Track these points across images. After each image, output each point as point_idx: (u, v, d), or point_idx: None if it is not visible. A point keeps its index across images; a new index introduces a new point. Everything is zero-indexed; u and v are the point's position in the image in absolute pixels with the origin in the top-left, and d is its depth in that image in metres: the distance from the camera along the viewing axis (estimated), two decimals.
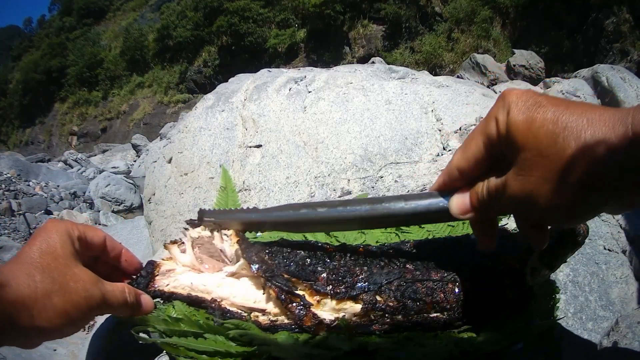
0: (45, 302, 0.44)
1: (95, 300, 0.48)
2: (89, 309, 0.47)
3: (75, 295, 0.46)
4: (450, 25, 12.94)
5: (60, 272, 0.46)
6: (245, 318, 0.54)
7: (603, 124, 0.33)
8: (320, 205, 0.54)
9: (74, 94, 25.11)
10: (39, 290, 0.44)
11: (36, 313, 0.43)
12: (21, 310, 0.42)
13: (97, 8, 30.05)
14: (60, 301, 0.45)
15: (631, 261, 0.79)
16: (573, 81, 1.52)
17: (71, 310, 0.45)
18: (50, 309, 0.44)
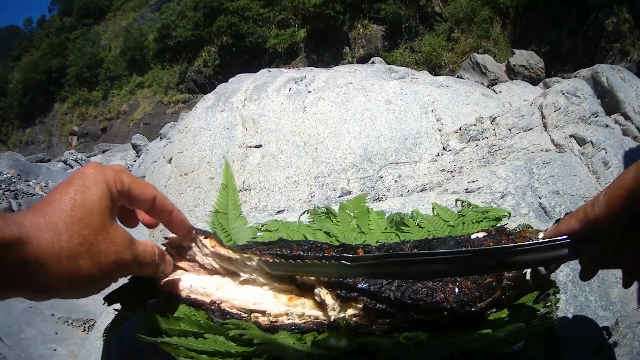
0: (69, 264, 0.39)
1: (125, 263, 0.44)
2: (116, 272, 0.44)
3: (104, 258, 0.42)
4: (450, 25, 12.93)
5: (92, 230, 0.41)
6: (246, 319, 0.54)
7: None
8: (435, 262, 0.48)
9: (74, 94, 25.10)
10: (64, 251, 0.38)
11: (56, 274, 0.38)
12: (39, 270, 0.37)
13: (97, 8, 30.04)
14: (86, 264, 0.40)
15: None
16: (573, 81, 1.52)
17: (97, 273, 0.41)
18: (75, 273, 0.39)
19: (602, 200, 0.41)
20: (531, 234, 0.55)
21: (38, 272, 0.37)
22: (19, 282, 0.36)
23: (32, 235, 0.36)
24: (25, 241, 0.36)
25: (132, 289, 0.60)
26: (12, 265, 0.35)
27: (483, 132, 1.50)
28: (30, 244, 0.36)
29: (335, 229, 0.75)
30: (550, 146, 1.23)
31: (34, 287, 0.38)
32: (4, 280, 0.36)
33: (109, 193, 0.43)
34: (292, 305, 0.54)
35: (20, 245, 0.35)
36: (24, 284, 0.37)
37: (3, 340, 1.25)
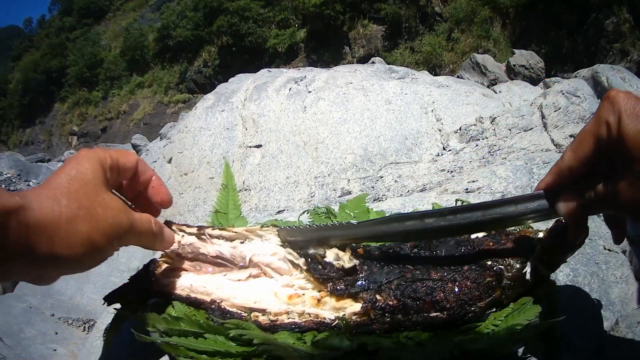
0: (68, 227, 0.41)
1: (122, 227, 0.46)
2: (115, 236, 0.46)
3: (102, 222, 0.44)
4: (450, 25, 12.93)
5: (88, 197, 0.44)
6: (246, 318, 0.54)
7: None
8: (428, 215, 0.53)
9: (74, 94, 25.10)
10: (63, 214, 0.41)
11: (57, 239, 0.40)
12: (41, 236, 0.39)
13: (97, 8, 30.03)
14: (85, 227, 0.42)
15: (631, 261, 0.79)
16: (573, 81, 1.52)
17: (96, 237, 0.43)
18: (74, 236, 0.41)
19: (569, 149, 0.46)
20: (531, 233, 0.55)
21: (40, 237, 0.39)
22: (22, 249, 0.38)
23: (34, 202, 0.39)
24: (27, 207, 0.38)
25: (132, 289, 0.60)
26: (16, 230, 0.37)
27: (483, 132, 1.50)
28: (32, 210, 0.39)
29: None
30: (550, 146, 1.23)
31: (35, 258, 0.39)
32: (7, 247, 0.37)
33: (101, 167, 0.47)
34: (292, 304, 0.54)
35: (23, 211, 0.38)
36: (27, 252, 0.38)
37: (3, 340, 1.25)
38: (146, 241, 0.52)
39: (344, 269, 0.54)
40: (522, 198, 0.50)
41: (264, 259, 0.57)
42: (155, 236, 0.52)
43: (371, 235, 0.56)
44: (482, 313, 0.52)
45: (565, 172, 0.47)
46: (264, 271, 0.58)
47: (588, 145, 0.44)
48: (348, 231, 0.56)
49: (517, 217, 0.50)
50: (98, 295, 1.69)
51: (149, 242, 0.52)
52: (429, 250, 0.57)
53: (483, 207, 0.51)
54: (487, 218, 0.51)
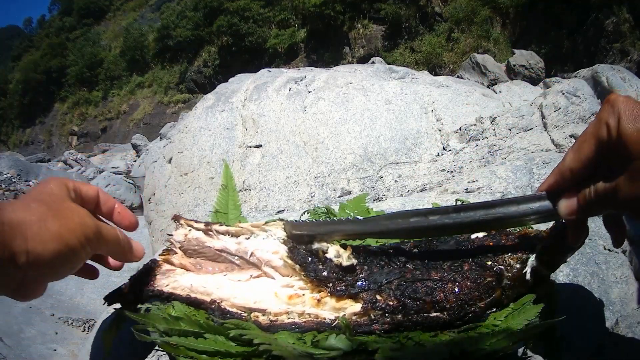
0: (40, 224, 0.44)
1: (90, 229, 0.49)
2: (84, 236, 0.48)
3: (70, 221, 0.47)
4: (450, 25, 12.93)
5: (55, 202, 0.48)
6: (245, 318, 0.54)
7: None
8: (431, 213, 0.53)
9: (74, 94, 25.11)
10: (34, 214, 0.44)
11: (30, 235, 0.43)
12: (15, 232, 0.42)
13: (97, 8, 30.04)
14: (55, 225, 0.45)
15: (631, 261, 0.79)
16: (573, 81, 1.52)
17: (66, 234, 0.46)
18: (45, 232, 0.44)
19: (570, 151, 0.48)
20: (531, 233, 0.55)
21: (13, 234, 0.41)
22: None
23: (6, 205, 0.43)
24: (1, 207, 0.42)
25: (132, 289, 0.60)
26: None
27: (483, 132, 1.50)
28: (4, 210, 0.42)
29: None
30: (550, 146, 1.23)
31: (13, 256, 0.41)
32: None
33: (66, 187, 0.51)
34: (292, 304, 0.54)
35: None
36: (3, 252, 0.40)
37: (3, 340, 1.25)
38: (115, 249, 0.53)
39: (341, 266, 0.54)
40: (524, 198, 0.50)
41: (265, 256, 0.57)
42: (123, 244, 0.54)
43: (375, 231, 0.56)
44: (482, 313, 0.52)
45: (566, 173, 0.48)
46: (263, 269, 0.58)
47: (589, 147, 0.45)
48: (353, 226, 0.56)
49: (518, 218, 0.50)
50: (98, 295, 1.69)
51: (117, 250, 0.54)
52: (429, 250, 0.57)
53: (486, 206, 0.52)
54: (490, 217, 0.51)
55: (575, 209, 0.48)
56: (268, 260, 0.57)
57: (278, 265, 0.56)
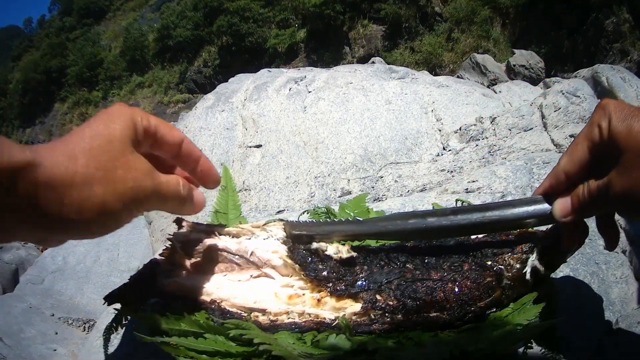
0: (82, 189, 0.37)
1: (145, 192, 0.42)
2: (134, 202, 0.41)
3: (120, 185, 0.40)
4: (450, 25, 12.94)
5: (110, 157, 0.40)
6: (246, 318, 0.54)
7: None
8: (429, 214, 0.54)
9: (74, 94, 25.11)
10: (78, 174, 0.37)
11: (68, 201, 0.36)
12: (50, 196, 0.35)
13: (97, 8, 30.05)
14: (100, 190, 0.38)
15: (631, 261, 0.79)
16: (573, 81, 1.52)
17: (111, 201, 0.39)
18: (86, 199, 0.37)
19: (564, 154, 0.49)
20: (530, 233, 0.55)
21: (49, 197, 0.36)
22: (28, 209, 0.35)
23: (46, 159, 0.36)
24: (37, 164, 0.35)
25: (132, 289, 0.60)
26: (23, 189, 0.34)
27: (483, 132, 1.50)
28: (42, 167, 0.35)
29: None
30: (550, 146, 1.23)
31: (43, 218, 0.36)
32: (13, 207, 0.34)
33: (134, 127, 0.43)
34: (292, 304, 0.54)
35: (32, 168, 0.34)
36: (33, 212, 0.35)
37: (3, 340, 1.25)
38: (173, 206, 0.47)
39: (341, 260, 0.55)
40: (521, 201, 0.51)
41: (265, 255, 0.57)
42: (183, 200, 0.48)
43: (374, 232, 0.56)
44: (482, 313, 0.52)
45: (561, 176, 0.49)
46: (263, 270, 0.58)
47: (582, 149, 0.47)
48: (352, 227, 0.57)
49: (514, 221, 0.51)
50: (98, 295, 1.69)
51: (175, 206, 0.48)
52: (429, 249, 0.57)
53: (482, 209, 0.52)
54: (486, 220, 0.51)
55: (570, 210, 0.48)
56: (268, 260, 0.57)
57: (278, 265, 0.56)
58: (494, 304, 0.53)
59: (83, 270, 1.82)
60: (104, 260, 1.82)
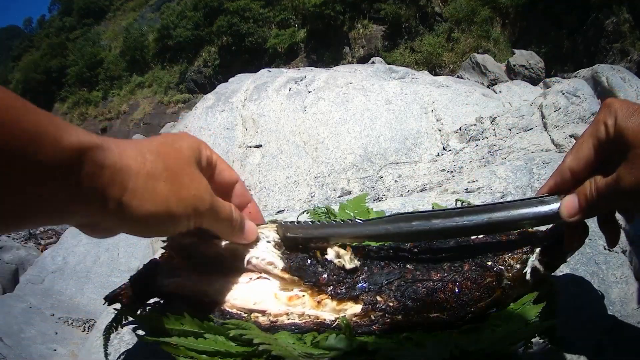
0: (147, 181, 0.37)
1: (203, 203, 0.43)
2: (193, 209, 0.42)
3: (185, 190, 0.41)
4: (450, 25, 12.94)
5: (177, 163, 0.41)
6: (245, 319, 0.54)
7: None
8: (433, 216, 0.53)
9: (74, 94, 25.11)
10: (146, 167, 0.38)
11: (131, 188, 0.36)
12: (114, 179, 0.35)
13: (97, 8, 30.04)
14: (165, 188, 0.39)
15: (631, 261, 0.79)
16: (573, 81, 1.52)
17: (173, 201, 0.39)
18: (150, 191, 0.38)
19: (569, 152, 0.49)
20: (531, 233, 0.55)
21: (113, 180, 0.35)
22: (89, 189, 0.34)
23: (114, 146, 0.36)
24: (105, 148, 0.35)
25: (132, 289, 0.60)
26: (88, 170, 0.34)
27: (483, 132, 1.50)
28: (110, 151, 0.35)
29: None
30: (550, 146, 1.23)
31: (102, 201, 0.36)
32: (76, 187, 0.33)
33: (199, 151, 0.45)
34: (292, 305, 0.54)
35: (99, 150, 0.35)
36: (94, 194, 0.35)
37: (3, 340, 1.25)
38: (224, 228, 0.48)
39: (345, 269, 0.54)
40: (526, 202, 0.51)
41: (261, 264, 0.57)
42: (234, 224, 0.49)
43: (376, 235, 0.55)
44: (482, 313, 0.52)
45: (566, 174, 0.49)
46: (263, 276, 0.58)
47: (587, 147, 0.47)
48: (352, 229, 0.55)
49: (520, 221, 0.51)
50: (98, 295, 1.69)
51: (227, 229, 0.49)
52: (429, 250, 0.57)
53: (487, 209, 0.51)
54: (492, 221, 0.51)
55: (577, 209, 0.47)
56: (265, 269, 0.56)
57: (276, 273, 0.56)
58: (494, 304, 0.53)
59: (83, 270, 1.82)
60: (104, 260, 1.83)
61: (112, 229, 0.40)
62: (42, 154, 0.30)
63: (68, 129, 0.33)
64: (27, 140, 0.29)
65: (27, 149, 0.29)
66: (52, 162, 0.31)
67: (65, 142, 0.32)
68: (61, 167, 0.32)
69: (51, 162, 0.31)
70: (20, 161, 0.29)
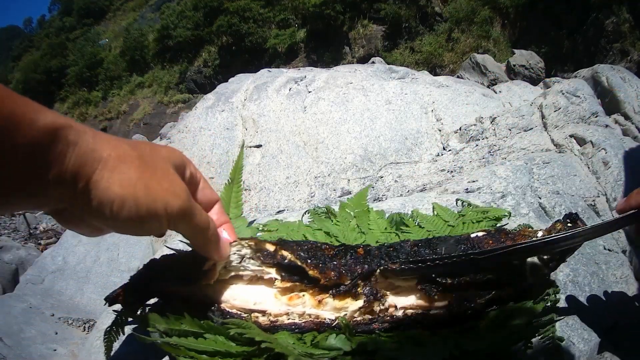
0: (119, 164, 0.37)
1: (176, 201, 0.41)
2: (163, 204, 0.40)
3: (154, 181, 0.39)
4: (450, 25, 12.93)
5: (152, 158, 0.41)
6: (246, 319, 0.54)
7: None
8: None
9: (74, 94, 25.10)
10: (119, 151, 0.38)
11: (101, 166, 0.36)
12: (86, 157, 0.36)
13: (97, 8, 30.04)
14: (135, 174, 0.38)
15: (631, 261, 0.79)
16: (573, 81, 1.52)
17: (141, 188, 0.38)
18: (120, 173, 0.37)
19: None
20: (531, 233, 0.55)
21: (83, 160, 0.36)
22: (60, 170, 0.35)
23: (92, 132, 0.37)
24: (80, 130, 0.36)
25: (132, 289, 0.60)
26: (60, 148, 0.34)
27: (483, 132, 1.50)
28: (85, 134, 0.36)
29: (335, 229, 0.75)
30: (550, 146, 1.23)
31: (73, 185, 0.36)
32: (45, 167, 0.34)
33: (182, 162, 0.45)
34: (292, 305, 0.54)
35: (74, 130, 0.35)
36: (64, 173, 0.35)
37: (3, 340, 1.25)
38: (199, 235, 0.47)
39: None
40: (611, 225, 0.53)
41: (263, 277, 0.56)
42: (210, 235, 0.48)
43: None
44: (481, 310, 0.52)
45: None
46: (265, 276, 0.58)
47: None
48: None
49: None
50: (98, 295, 1.69)
51: (202, 238, 0.47)
52: (429, 248, 0.57)
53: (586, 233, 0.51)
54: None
55: None
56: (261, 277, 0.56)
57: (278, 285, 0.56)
58: (493, 302, 0.53)
59: (83, 270, 1.82)
60: (104, 260, 1.82)
61: (81, 217, 0.39)
62: (19, 135, 0.31)
63: (44, 111, 0.34)
64: (4, 122, 0.30)
65: (4, 131, 0.30)
66: (27, 141, 0.32)
67: (41, 123, 0.33)
68: (34, 145, 0.33)
69: (26, 142, 0.32)
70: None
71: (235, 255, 0.55)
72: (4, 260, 3.11)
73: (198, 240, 0.48)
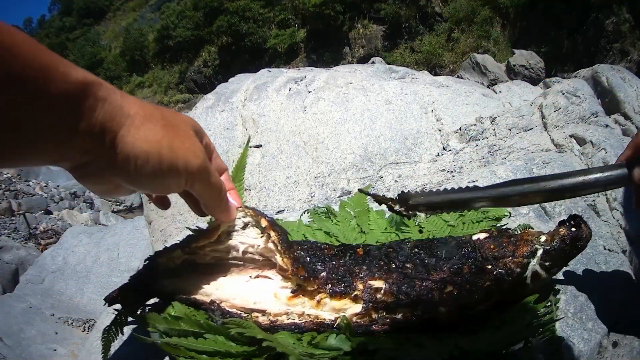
0: (145, 122, 0.39)
1: (196, 160, 0.44)
2: (184, 162, 0.42)
3: (178, 139, 0.42)
4: (450, 25, 12.94)
5: (174, 119, 0.43)
6: (246, 319, 0.54)
7: None
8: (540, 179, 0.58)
9: None
10: (145, 111, 0.40)
11: (129, 122, 0.38)
12: (115, 113, 0.37)
13: (97, 8, 30.06)
14: (160, 132, 0.40)
15: (631, 261, 0.79)
16: (573, 81, 1.52)
17: (165, 145, 0.40)
18: (147, 130, 0.39)
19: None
20: (532, 236, 0.55)
21: (111, 115, 0.37)
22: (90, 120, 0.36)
23: (120, 91, 0.39)
24: (110, 88, 0.38)
25: (132, 290, 0.60)
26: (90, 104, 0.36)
27: (483, 132, 1.50)
28: (114, 92, 0.38)
29: (335, 229, 0.75)
30: (550, 146, 1.23)
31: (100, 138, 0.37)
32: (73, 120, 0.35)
33: (200, 129, 0.49)
34: (292, 305, 0.54)
35: (104, 88, 0.37)
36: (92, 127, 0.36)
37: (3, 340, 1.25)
38: (214, 195, 0.49)
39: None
40: (605, 167, 0.56)
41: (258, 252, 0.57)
42: (222, 196, 0.51)
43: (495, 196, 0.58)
44: (481, 315, 0.52)
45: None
46: (264, 273, 0.58)
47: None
48: (472, 194, 0.58)
49: (595, 183, 0.55)
50: (98, 295, 1.69)
51: (216, 197, 0.50)
52: (429, 250, 0.57)
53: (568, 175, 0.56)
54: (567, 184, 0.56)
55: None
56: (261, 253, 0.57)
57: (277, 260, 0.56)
58: (493, 308, 0.53)
59: (83, 270, 1.82)
60: (104, 260, 1.82)
61: (102, 173, 0.40)
62: (52, 85, 0.33)
63: (76, 68, 0.35)
64: (39, 72, 0.32)
65: (39, 79, 0.32)
66: (60, 93, 0.33)
67: (73, 77, 0.34)
68: (67, 97, 0.34)
69: (59, 93, 0.33)
70: (33, 90, 0.32)
71: (239, 220, 0.57)
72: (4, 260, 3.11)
73: (211, 199, 0.50)
